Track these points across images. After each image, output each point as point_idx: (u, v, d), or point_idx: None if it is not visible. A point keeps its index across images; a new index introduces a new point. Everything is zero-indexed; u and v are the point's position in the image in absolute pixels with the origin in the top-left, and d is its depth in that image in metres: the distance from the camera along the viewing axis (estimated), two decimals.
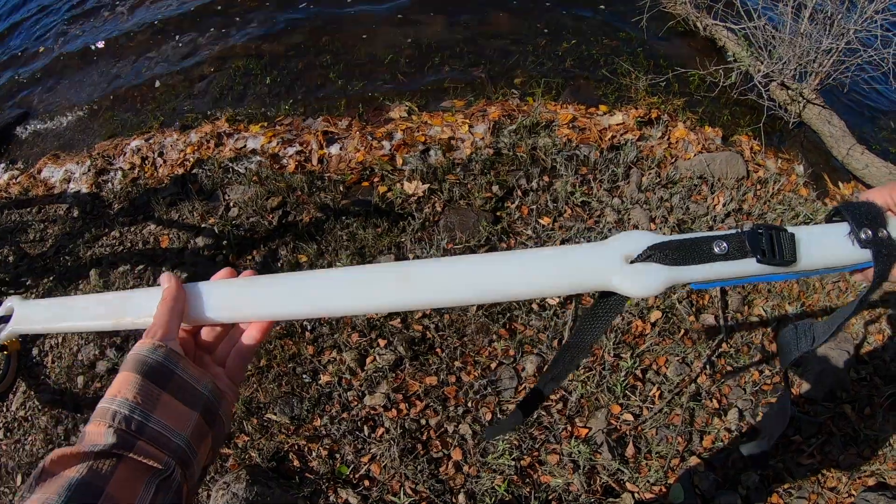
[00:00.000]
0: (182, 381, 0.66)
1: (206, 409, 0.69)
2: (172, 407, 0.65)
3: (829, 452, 2.42)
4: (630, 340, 2.61)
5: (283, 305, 0.73)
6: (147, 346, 0.65)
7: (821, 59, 3.47)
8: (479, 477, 2.25)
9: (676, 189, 3.11)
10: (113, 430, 0.59)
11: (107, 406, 0.61)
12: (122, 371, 0.64)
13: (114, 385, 0.63)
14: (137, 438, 0.60)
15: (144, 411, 0.62)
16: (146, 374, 0.63)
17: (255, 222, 3.00)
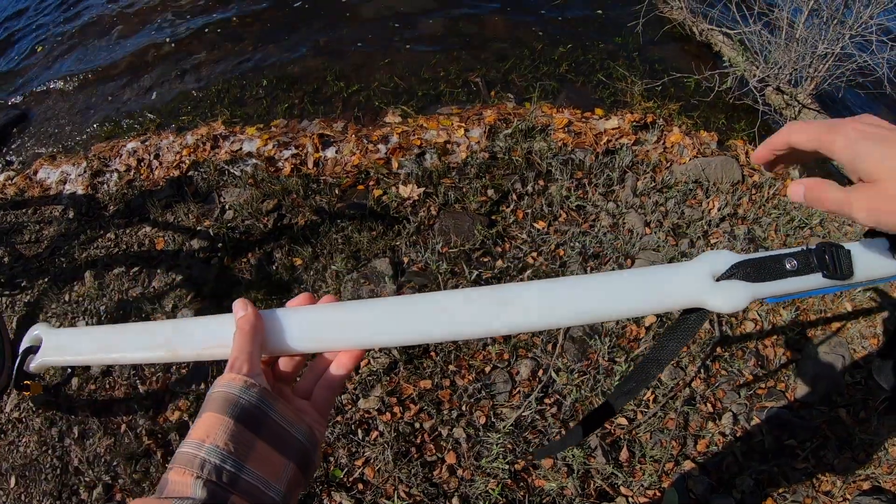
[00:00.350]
0: (277, 427, 0.60)
1: (301, 458, 0.61)
2: (267, 456, 0.58)
3: (823, 456, 2.42)
4: (625, 344, 2.61)
5: (377, 333, 0.68)
6: (238, 385, 0.59)
7: (816, 65, 3.48)
8: (473, 481, 2.24)
9: (671, 193, 3.11)
10: (202, 482, 0.52)
11: (193, 453, 0.54)
12: (209, 411, 0.57)
13: (199, 427, 0.56)
14: (230, 492, 0.53)
15: (237, 461, 0.55)
16: (238, 417, 0.57)
17: (251, 225, 3.00)
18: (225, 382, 0.59)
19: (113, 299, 2.83)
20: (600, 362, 2.53)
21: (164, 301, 2.79)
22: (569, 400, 2.43)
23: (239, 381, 0.59)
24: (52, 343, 0.77)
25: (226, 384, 0.59)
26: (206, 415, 0.57)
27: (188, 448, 0.55)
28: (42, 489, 2.43)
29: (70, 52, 4.56)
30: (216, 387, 0.59)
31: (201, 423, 0.56)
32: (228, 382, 0.59)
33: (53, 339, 0.77)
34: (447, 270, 2.76)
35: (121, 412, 2.54)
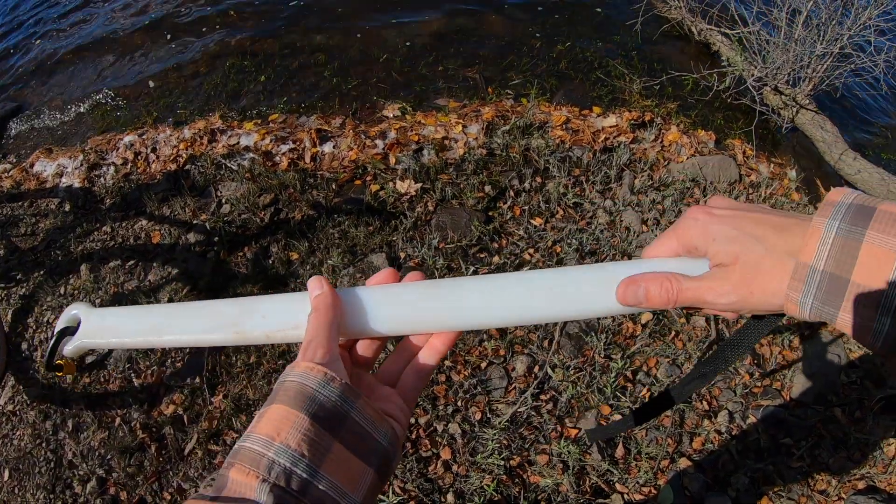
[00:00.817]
0: (358, 428, 0.52)
1: (382, 463, 0.54)
2: (344, 461, 0.50)
3: (818, 455, 2.42)
4: (621, 341, 2.61)
5: (471, 315, 0.61)
6: (316, 377, 0.52)
7: (814, 65, 3.49)
8: (468, 476, 2.24)
9: (669, 192, 3.11)
10: (269, 485, 0.46)
11: (260, 451, 0.47)
12: (280, 404, 0.50)
13: (268, 421, 0.50)
14: (300, 501, 0.47)
15: (311, 465, 0.48)
16: (315, 414, 0.50)
17: (247, 219, 3.00)
18: (300, 372, 0.52)
19: (109, 292, 2.82)
20: (596, 359, 2.52)
21: (160, 294, 2.78)
22: (564, 396, 2.42)
23: (318, 373, 0.52)
24: (93, 324, 0.71)
25: (301, 374, 0.52)
26: (276, 407, 0.50)
27: (254, 444, 0.48)
28: (35, 482, 2.42)
29: (68, 46, 4.54)
30: (289, 375, 0.53)
31: (270, 416, 0.50)
32: (304, 373, 0.52)
33: (94, 319, 0.72)
34: (444, 266, 2.75)
35: (115, 406, 2.52)
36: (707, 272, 0.55)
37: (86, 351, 0.73)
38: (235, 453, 0.48)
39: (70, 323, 0.73)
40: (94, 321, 0.72)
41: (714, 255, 0.54)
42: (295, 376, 0.52)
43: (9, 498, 2.42)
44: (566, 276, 0.61)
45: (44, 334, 2.78)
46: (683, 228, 0.57)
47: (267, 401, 0.52)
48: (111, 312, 0.72)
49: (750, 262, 0.51)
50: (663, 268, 0.58)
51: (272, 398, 0.52)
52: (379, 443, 0.53)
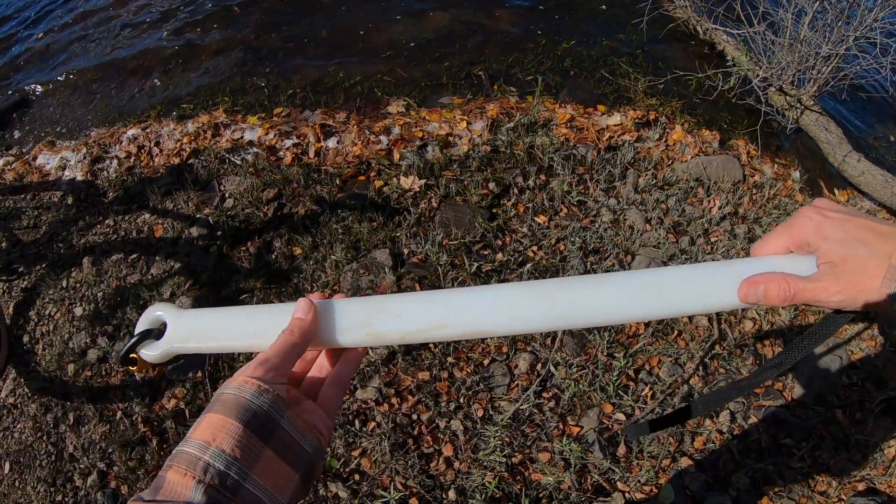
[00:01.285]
0: (287, 437, 0.57)
1: (307, 470, 0.59)
2: (274, 466, 0.55)
3: (819, 456, 2.42)
4: (623, 340, 2.61)
5: (433, 324, 0.64)
6: (251, 389, 0.56)
7: (819, 66, 3.48)
8: (469, 473, 2.24)
9: (673, 191, 3.11)
10: (203, 486, 0.50)
11: (197, 454, 0.51)
12: (217, 413, 0.54)
13: (204, 427, 0.54)
14: (230, 501, 0.51)
15: (242, 469, 0.52)
16: (249, 423, 0.54)
17: (251, 213, 2.99)
18: (237, 385, 0.57)
19: (111, 286, 2.81)
20: (599, 357, 2.52)
21: (163, 288, 2.77)
22: (567, 394, 2.43)
23: (252, 386, 0.56)
24: (184, 327, 0.69)
25: (237, 387, 0.56)
26: (212, 416, 0.55)
27: (191, 448, 0.52)
28: (36, 475, 2.42)
29: (71, 39, 4.53)
30: (227, 388, 0.57)
31: (207, 423, 0.54)
32: (240, 385, 0.56)
33: (185, 322, 0.70)
34: (447, 262, 2.75)
35: (117, 399, 2.52)
36: (817, 272, 0.61)
37: (174, 356, 0.71)
38: (174, 457, 0.52)
39: (153, 325, 0.71)
40: (186, 324, 0.69)
41: (825, 253, 0.60)
42: (232, 389, 0.56)
43: (9, 491, 2.42)
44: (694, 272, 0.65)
45: (46, 327, 2.78)
46: (798, 226, 0.63)
47: (204, 410, 0.56)
48: (203, 314, 0.70)
49: (857, 263, 0.58)
50: (777, 266, 0.63)
51: (209, 408, 0.56)
52: (306, 451, 0.58)
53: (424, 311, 0.65)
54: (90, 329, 2.70)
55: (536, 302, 0.65)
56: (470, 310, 0.64)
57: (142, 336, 0.71)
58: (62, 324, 2.75)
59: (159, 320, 0.72)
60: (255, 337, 0.67)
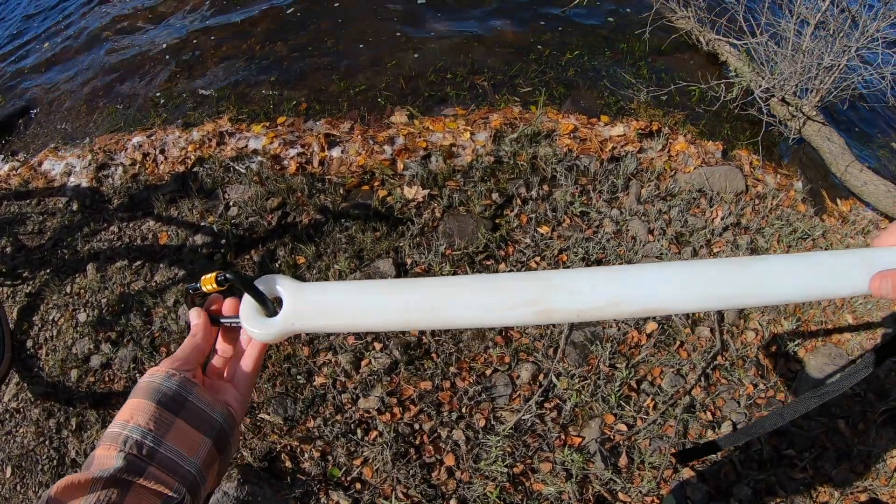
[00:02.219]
0: (195, 408, 0.66)
1: (218, 436, 0.68)
2: (185, 433, 0.64)
3: (821, 467, 2.42)
4: (625, 351, 2.62)
5: (611, 301, 0.61)
6: (160, 374, 0.66)
7: (822, 76, 3.49)
8: (471, 483, 2.24)
9: (675, 202, 3.12)
10: (123, 454, 0.59)
11: (118, 431, 0.61)
12: (134, 397, 0.64)
13: (125, 411, 0.63)
14: (148, 464, 0.60)
15: (157, 437, 0.61)
16: (159, 401, 0.63)
17: (255, 222, 3.00)
18: (149, 373, 0.67)
19: (115, 292, 2.83)
20: (601, 368, 2.53)
21: (167, 295, 2.79)
22: (569, 404, 2.43)
23: (161, 372, 0.66)
24: (307, 302, 0.65)
25: (149, 375, 0.66)
26: (131, 400, 0.64)
27: (114, 427, 0.61)
28: (38, 480, 2.42)
29: (77, 46, 4.57)
30: (143, 378, 0.67)
31: (127, 407, 0.63)
32: (152, 373, 0.67)
33: (309, 297, 0.66)
34: (450, 272, 2.76)
35: (119, 405, 2.52)
36: None
37: (292, 335, 0.69)
38: (102, 437, 0.61)
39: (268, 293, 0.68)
40: (310, 299, 0.65)
41: None
42: (146, 377, 0.66)
43: (11, 495, 2.42)
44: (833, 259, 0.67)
45: (49, 332, 2.79)
46: None
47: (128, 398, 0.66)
48: (330, 291, 0.66)
49: None
50: None
51: (130, 395, 0.65)
52: (216, 420, 0.68)
53: (600, 288, 0.62)
54: (94, 335, 2.71)
55: (725, 277, 0.65)
56: (651, 286, 0.62)
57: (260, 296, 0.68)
58: (66, 329, 2.77)
59: (271, 292, 0.69)
60: (382, 314, 0.63)
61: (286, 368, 2.51)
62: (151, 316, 2.74)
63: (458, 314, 0.61)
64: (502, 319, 0.61)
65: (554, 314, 0.60)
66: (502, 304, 0.60)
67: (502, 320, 0.61)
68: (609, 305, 0.60)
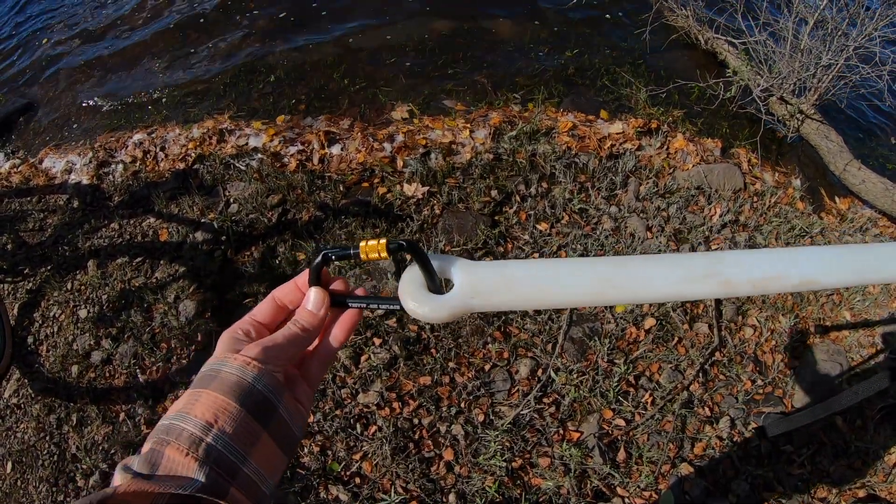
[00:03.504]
0: (283, 421, 0.57)
1: (293, 452, 0.60)
2: (269, 451, 0.56)
3: (819, 463, 2.43)
4: (624, 346, 2.63)
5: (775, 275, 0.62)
6: (252, 371, 0.55)
7: (820, 75, 3.50)
8: (470, 477, 2.25)
9: (674, 199, 3.13)
10: (206, 468, 0.50)
11: (199, 435, 0.51)
12: (216, 392, 0.54)
13: (206, 408, 0.53)
14: (230, 484, 0.51)
15: (242, 453, 0.53)
16: (250, 407, 0.54)
17: (255, 219, 3.02)
18: (238, 365, 0.56)
19: (115, 289, 2.84)
20: (599, 363, 2.54)
21: (167, 291, 2.80)
22: (567, 399, 2.44)
23: (254, 369, 0.56)
24: (484, 278, 0.61)
25: (239, 368, 0.55)
26: (212, 395, 0.53)
27: (192, 427, 0.51)
28: (38, 475, 2.43)
29: (77, 44, 4.58)
30: (225, 366, 0.56)
31: (207, 403, 0.53)
32: (242, 367, 0.56)
33: (483, 273, 0.61)
34: None
35: (120, 401, 2.54)
36: None
37: (464, 314, 0.62)
38: (169, 431, 0.51)
39: (440, 272, 0.62)
40: (487, 274, 0.61)
41: None
42: (233, 369, 0.55)
43: (11, 490, 2.43)
44: None
45: (50, 329, 2.80)
46: None
47: (196, 383, 0.56)
48: (511, 265, 0.62)
49: None
50: None
51: (205, 383, 0.55)
52: (296, 435, 0.59)
53: (766, 264, 0.63)
54: (94, 331, 2.72)
55: (861, 257, 0.68)
56: (811, 263, 0.65)
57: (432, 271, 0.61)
58: (66, 325, 2.78)
59: (444, 272, 0.62)
60: (568, 287, 0.60)
61: None
62: (152, 312, 2.75)
63: (644, 287, 0.61)
64: (689, 292, 0.62)
65: (733, 285, 0.62)
66: (687, 277, 0.62)
67: (689, 293, 0.62)
68: (774, 279, 0.62)
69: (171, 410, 0.54)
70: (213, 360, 0.58)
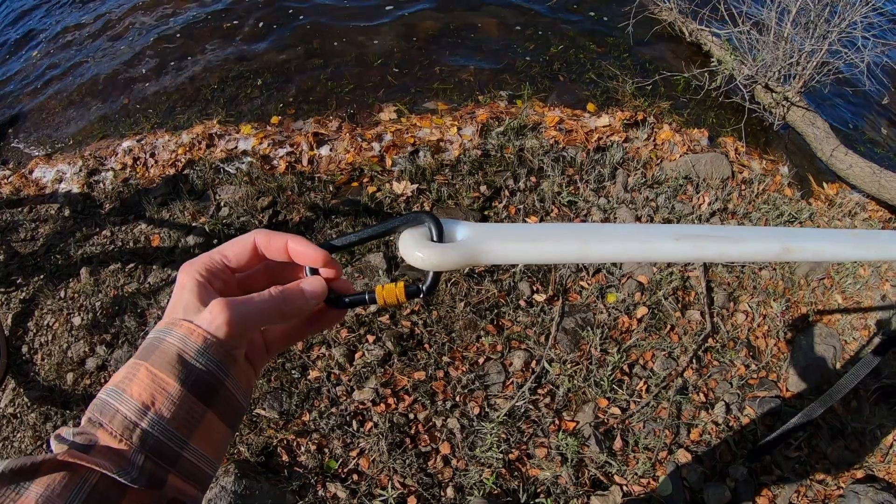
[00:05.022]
0: (230, 396, 0.50)
1: (239, 423, 0.53)
2: (214, 430, 0.49)
3: (816, 445, 2.44)
4: (617, 336, 2.64)
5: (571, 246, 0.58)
6: (196, 343, 0.47)
7: (803, 62, 3.53)
8: (467, 470, 2.25)
9: (662, 189, 3.14)
10: (141, 457, 0.44)
11: (133, 420, 0.45)
12: (155, 368, 0.46)
13: (141, 385, 0.46)
14: (169, 471, 0.46)
15: (183, 438, 0.47)
16: (192, 386, 0.47)
17: (246, 221, 3.02)
18: (181, 334, 0.48)
19: (108, 295, 2.84)
20: (592, 353, 2.54)
21: (160, 297, 2.80)
22: (562, 390, 2.44)
23: (198, 339, 0.48)
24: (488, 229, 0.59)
25: (182, 336, 0.48)
26: (150, 371, 0.46)
27: (126, 410, 0.45)
28: None
29: (67, 54, 4.58)
30: (169, 334, 0.48)
31: (145, 381, 0.46)
32: (185, 335, 0.48)
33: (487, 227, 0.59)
34: None
35: None
36: None
37: (470, 264, 0.58)
38: (103, 410, 0.46)
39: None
40: (492, 226, 0.59)
41: None
42: (175, 338, 0.48)
43: None
44: None
45: (44, 337, 2.79)
46: None
47: (140, 351, 0.49)
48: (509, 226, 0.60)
49: None
50: None
51: (145, 354, 0.48)
52: (244, 407, 0.53)
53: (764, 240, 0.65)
54: (88, 338, 2.72)
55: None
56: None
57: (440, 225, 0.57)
58: (61, 334, 2.77)
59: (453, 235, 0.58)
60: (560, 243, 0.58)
61: (281, 363, 2.52)
62: (146, 317, 2.75)
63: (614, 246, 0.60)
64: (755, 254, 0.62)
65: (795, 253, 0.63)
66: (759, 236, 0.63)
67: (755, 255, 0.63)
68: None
69: (111, 381, 0.48)
70: (163, 321, 0.50)
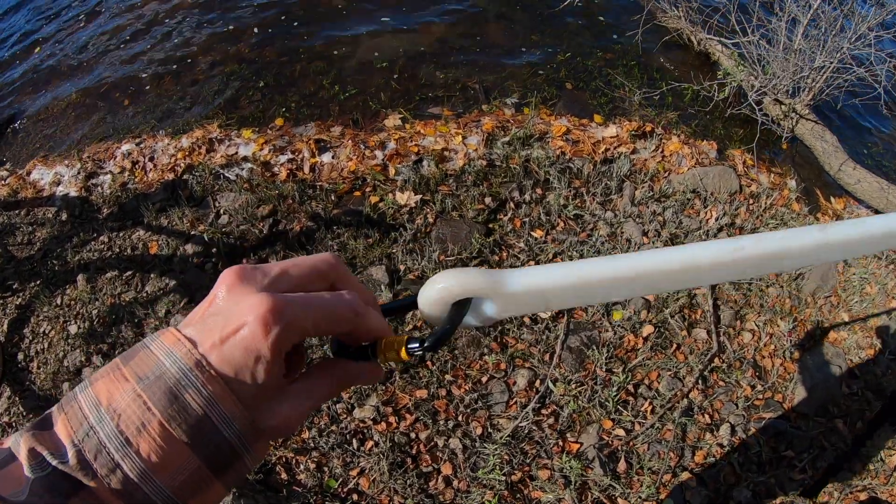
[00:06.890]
0: (243, 469, 0.41)
1: None
2: (213, 497, 0.41)
3: (821, 467, 2.41)
4: (622, 355, 2.60)
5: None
6: (227, 412, 0.39)
7: (814, 76, 3.49)
8: (469, 492, 2.22)
9: (669, 203, 3.11)
10: None
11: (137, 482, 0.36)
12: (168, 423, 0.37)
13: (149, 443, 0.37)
14: None
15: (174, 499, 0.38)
16: (208, 459, 0.39)
17: (246, 230, 2.98)
18: (201, 383, 0.38)
19: (105, 303, 2.79)
20: (598, 373, 2.51)
21: (158, 306, 2.75)
22: (566, 410, 2.41)
23: (229, 406, 0.39)
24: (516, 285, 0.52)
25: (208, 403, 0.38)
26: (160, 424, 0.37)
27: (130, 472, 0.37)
28: None
29: (65, 55, 4.52)
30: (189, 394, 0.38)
31: (155, 435, 0.37)
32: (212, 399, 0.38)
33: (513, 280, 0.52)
34: None
35: None
36: None
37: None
38: (99, 451, 0.37)
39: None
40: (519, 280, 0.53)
41: None
42: (193, 388, 0.38)
43: None
44: None
45: (40, 345, 2.75)
46: None
47: (126, 355, 0.40)
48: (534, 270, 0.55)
49: None
50: None
51: (153, 391, 0.38)
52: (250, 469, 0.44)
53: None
54: (85, 347, 2.68)
55: None
56: None
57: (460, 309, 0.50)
58: (57, 341, 2.73)
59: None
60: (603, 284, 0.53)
61: None
62: (143, 327, 2.71)
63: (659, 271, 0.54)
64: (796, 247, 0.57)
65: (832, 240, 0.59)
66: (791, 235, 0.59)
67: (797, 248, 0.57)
68: None
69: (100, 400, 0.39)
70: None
